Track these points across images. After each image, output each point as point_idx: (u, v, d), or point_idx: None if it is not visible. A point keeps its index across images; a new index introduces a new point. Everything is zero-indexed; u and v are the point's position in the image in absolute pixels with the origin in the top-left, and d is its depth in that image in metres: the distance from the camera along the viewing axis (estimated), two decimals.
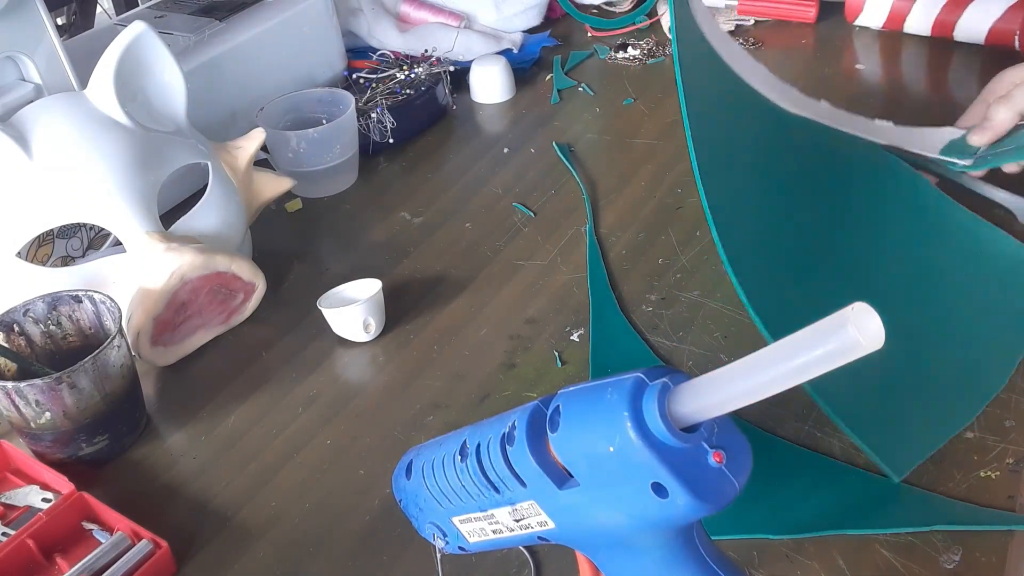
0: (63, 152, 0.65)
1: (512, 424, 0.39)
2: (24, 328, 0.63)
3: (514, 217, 0.82)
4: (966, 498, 0.53)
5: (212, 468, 0.61)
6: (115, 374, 0.60)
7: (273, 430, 0.63)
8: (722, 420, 0.35)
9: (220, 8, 0.94)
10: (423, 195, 0.87)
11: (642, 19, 1.12)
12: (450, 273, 0.76)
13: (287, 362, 0.69)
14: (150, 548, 0.53)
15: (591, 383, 0.36)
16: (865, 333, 0.28)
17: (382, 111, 0.92)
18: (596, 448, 0.35)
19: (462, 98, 1.03)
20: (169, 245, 0.65)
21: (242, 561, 0.54)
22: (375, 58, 1.05)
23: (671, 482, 0.33)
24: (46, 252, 0.76)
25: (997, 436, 0.56)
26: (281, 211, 0.87)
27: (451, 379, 0.66)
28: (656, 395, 0.34)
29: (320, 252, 0.82)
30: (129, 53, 0.69)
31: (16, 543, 0.53)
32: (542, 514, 0.39)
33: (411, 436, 0.62)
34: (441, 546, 0.47)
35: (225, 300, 0.70)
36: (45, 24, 0.74)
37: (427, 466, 0.44)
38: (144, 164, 0.67)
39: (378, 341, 0.70)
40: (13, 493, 0.59)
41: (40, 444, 0.60)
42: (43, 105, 0.68)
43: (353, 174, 0.90)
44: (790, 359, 0.30)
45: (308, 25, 0.98)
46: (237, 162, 0.76)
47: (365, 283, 0.72)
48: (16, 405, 0.58)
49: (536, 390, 0.64)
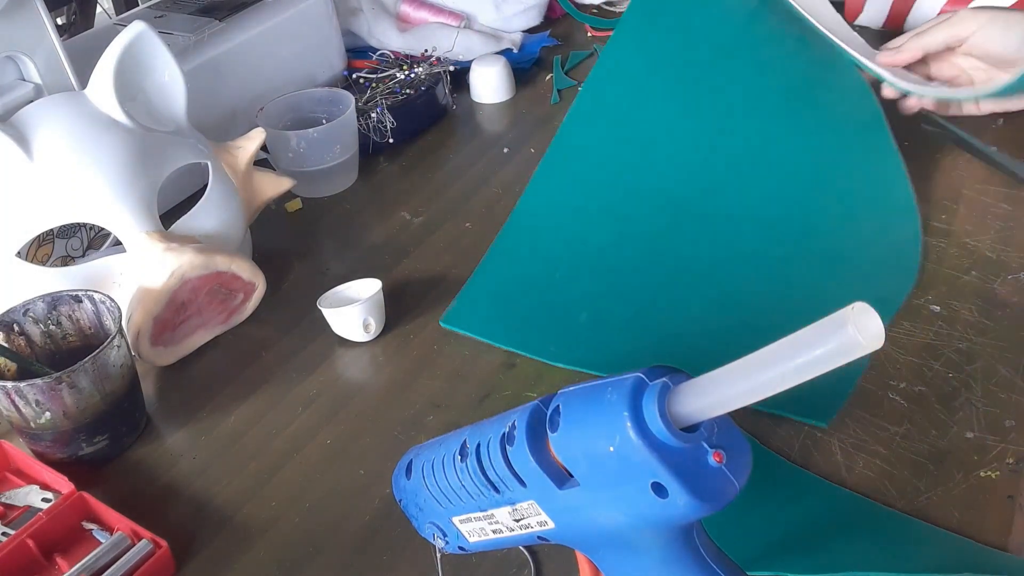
0: (63, 152, 0.65)
1: (512, 424, 0.39)
2: (24, 328, 0.63)
3: None
4: (966, 498, 0.53)
5: (212, 468, 0.61)
6: (115, 374, 0.60)
7: (273, 430, 0.64)
8: (722, 420, 0.35)
9: (220, 8, 0.94)
10: (423, 195, 0.87)
11: None
12: (450, 273, 0.76)
13: (287, 362, 0.69)
14: (150, 548, 0.53)
15: (591, 383, 0.37)
16: (865, 333, 0.28)
17: (382, 111, 0.92)
18: (596, 448, 0.35)
19: (462, 98, 1.03)
20: (169, 245, 0.65)
21: (242, 561, 0.54)
22: (375, 58, 1.05)
23: (671, 482, 0.33)
24: (46, 252, 0.76)
25: (997, 436, 0.56)
26: (281, 211, 0.87)
27: (451, 379, 0.66)
28: (656, 395, 0.34)
29: (320, 252, 0.82)
30: (129, 53, 0.69)
31: (16, 543, 0.53)
32: (542, 514, 0.39)
33: (411, 436, 0.62)
34: (441, 546, 0.47)
35: (225, 300, 0.70)
36: (45, 24, 0.74)
37: (427, 466, 0.44)
38: (144, 164, 0.67)
39: (378, 341, 0.70)
40: (13, 493, 0.59)
41: (40, 444, 0.60)
42: (43, 105, 0.68)
43: (353, 174, 0.90)
44: (790, 359, 0.30)
45: (308, 25, 0.98)
46: (237, 162, 0.75)
47: (365, 283, 0.72)
48: (16, 405, 0.58)
49: (536, 390, 0.64)
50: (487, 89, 1.02)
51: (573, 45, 1.12)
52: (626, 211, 0.74)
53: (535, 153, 0.92)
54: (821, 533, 0.52)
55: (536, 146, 0.93)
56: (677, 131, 0.79)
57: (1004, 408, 0.58)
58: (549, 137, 0.93)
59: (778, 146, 0.77)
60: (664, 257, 0.71)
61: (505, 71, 1.01)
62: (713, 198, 0.75)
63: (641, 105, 0.81)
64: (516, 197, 0.85)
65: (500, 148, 0.93)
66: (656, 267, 0.71)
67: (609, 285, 0.70)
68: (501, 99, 1.02)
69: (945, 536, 0.51)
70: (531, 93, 1.03)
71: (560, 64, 1.07)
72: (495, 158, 0.92)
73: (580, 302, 0.69)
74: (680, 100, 0.81)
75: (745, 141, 0.78)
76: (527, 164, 0.90)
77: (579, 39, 1.13)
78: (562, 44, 1.12)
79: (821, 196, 0.74)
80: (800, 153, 0.77)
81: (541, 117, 0.98)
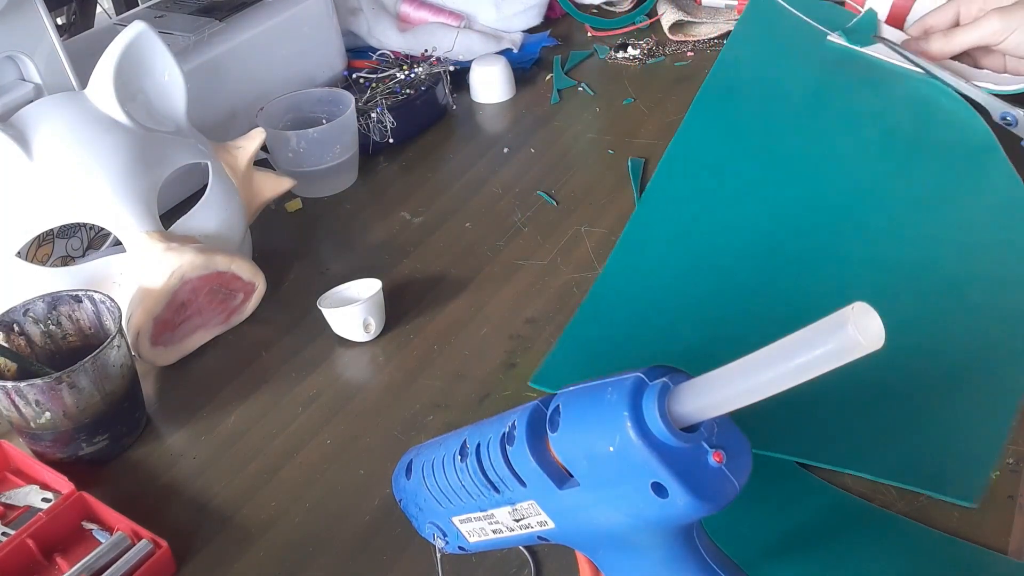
0: (63, 152, 0.65)
1: (512, 424, 0.39)
2: (24, 328, 0.63)
3: (514, 217, 0.82)
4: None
5: (212, 468, 0.61)
6: (115, 374, 0.60)
7: (273, 430, 0.63)
8: (722, 420, 0.35)
9: (220, 8, 0.94)
10: (423, 195, 0.87)
11: (642, 19, 1.12)
12: (450, 273, 0.76)
13: (287, 362, 0.69)
14: (150, 548, 0.53)
15: (591, 383, 0.36)
16: (865, 333, 0.28)
17: (382, 111, 0.92)
18: (596, 448, 0.35)
19: (462, 98, 1.03)
20: (169, 245, 0.65)
21: (242, 561, 0.54)
22: (375, 58, 1.04)
23: (671, 482, 0.33)
24: (46, 252, 0.76)
25: None
26: (281, 211, 0.87)
27: (451, 379, 0.66)
28: (656, 395, 0.34)
29: (320, 252, 0.82)
30: (129, 53, 0.69)
31: (16, 543, 0.53)
32: (542, 514, 0.39)
33: (411, 436, 0.62)
34: (441, 546, 0.47)
35: (225, 300, 0.70)
36: (45, 24, 0.74)
37: (427, 466, 0.44)
38: (144, 164, 0.67)
39: (378, 341, 0.70)
40: (13, 493, 0.59)
41: (40, 444, 0.60)
42: (43, 105, 0.68)
43: (353, 174, 0.90)
44: (790, 359, 0.30)
45: (308, 25, 0.98)
46: (237, 162, 0.76)
47: (365, 283, 0.72)
48: (16, 405, 0.58)
49: (536, 390, 0.64)
50: (487, 89, 1.02)
51: (573, 45, 1.12)
52: (726, 262, 0.71)
53: (535, 153, 0.92)
54: (820, 535, 0.52)
55: (536, 146, 0.93)
56: (773, 181, 0.77)
57: None
58: (549, 137, 0.93)
59: (888, 185, 0.75)
60: (770, 308, 0.66)
61: (505, 71, 1.01)
62: (818, 246, 0.71)
63: (736, 156, 0.81)
64: (516, 197, 0.85)
65: (500, 148, 0.93)
66: (761, 319, 0.65)
67: (711, 336, 0.65)
68: (501, 99, 1.02)
69: (945, 540, 0.51)
70: (531, 93, 1.03)
71: (560, 64, 1.07)
72: (495, 158, 0.92)
73: (681, 356, 0.63)
74: (775, 148, 0.80)
75: (852, 185, 0.75)
76: (527, 164, 0.90)
77: (579, 39, 1.13)
78: (562, 44, 1.12)
79: (941, 230, 0.70)
80: (913, 189, 0.74)
81: (541, 117, 0.98)
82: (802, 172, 0.78)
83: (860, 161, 0.78)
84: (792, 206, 0.74)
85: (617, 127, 0.94)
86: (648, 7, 1.12)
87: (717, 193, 0.78)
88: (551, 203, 0.83)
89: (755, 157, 0.80)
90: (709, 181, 0.79)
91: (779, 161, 0.79)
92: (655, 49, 1.08)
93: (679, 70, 1.04)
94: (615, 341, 0.66)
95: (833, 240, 0.70)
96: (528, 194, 0.85)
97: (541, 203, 0.84)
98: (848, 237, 0.71)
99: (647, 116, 0.95)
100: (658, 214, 0.78)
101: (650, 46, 1.08)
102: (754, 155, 0.80)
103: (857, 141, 0.80)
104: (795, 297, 0.66)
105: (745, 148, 0.81)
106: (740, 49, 0.93)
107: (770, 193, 0.76)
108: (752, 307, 0.66)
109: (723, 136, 0.84)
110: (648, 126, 0.93)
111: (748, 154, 0.81)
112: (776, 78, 0.88)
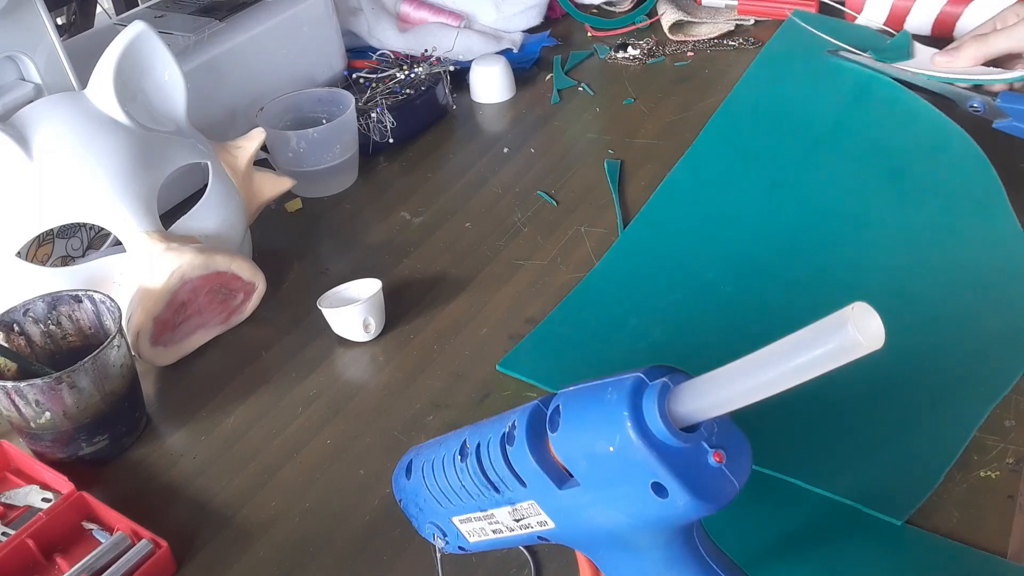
0: (63, 152, 0.65)
1: (512, 424, 0.39)
2: (24, 328, 0.63)
3: (514, 217, 0.82)
4: (966, 498, 0.53)
5: (212, 468, 0.61)
6: (115, 374, 0.60)
7: (273, 430, 0.63)
8: (722, 420, 0.35)
9: (220, 8, 0.94)
10: (423, 195, 0.87)
11: (642, 19, 1.12)
12: (450, 273, 0.76)
13: (287, 362, 0.69)
14: (150, 548, 0.53)
15: (591, 383, 0.36)
16: (865, 333, 0.28)
17: (382, 111, 0.92)
18: (596, 448, 0.35)
19: (462, 98, 1.03)
20: (169, 245, 0.65)
21: (242, 561, 0.54)
22: (375, 58, 1.05)
23: (671, 482, 0.33)
24: (46, 252, 0.76)
25: (997, 436, 0.56)
26: (281, 211, 0.87)
27: (451, 379, 0.66)
28: (656, 395, 0.34)
29: (320, 252, 0.82)
30: (129, 53, 0.69)
31: (16, 543, 0.53)
32: (542, 514, 0.39)
33: (411, 436, 0.62)
34: (441, 546, 0.47)
35: (225, 300, 0.70)
36: (45, 24, 0.74)
37: (427, 466, 0.44)
38: (144, 164, 0.67)
39: (378, 341, 0.70)
40: (13, 493, 0.59)
41: (40, 444, 0.60)
42: (43, 105, 0.68)
43: (353, 174, 0.90)
44: (790, 359, 0.30)
45: (308, 25, 0.98)
46: (237, 162, 0.76)
47: (365, 283, 0.72)
48: (16, 405, 0.58)
49: (536, 390, 0.64)
50: (487, 89, 1.02)
51: (573, 45, 1.12)
52: (710, 276, 0.71)
53: (535, 153, 0.92)
54: (820, 535, 0.52)
55: (536, 146, 0.93)
56: (771, 205, 0.78)
57: (1004, 408, 0.58)
58: (549, 137, 0.93)
59: (879, 220, 0.75)
60: (744, 321, 0.67)
61: (505, 71, 1.01)
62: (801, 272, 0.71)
63: (741, 176, 0.81)
64: (516, 197, 0.85)
65: (500, 148, 0.93)
66: (734, 330, 0.66)
67: (680, 342, 0.66)
68: (501, 99, 1.02)
69: (944, 544, 0.51)
70: (531, 93, 1.03)
71: (560, 64, 1.07)
72: (495, 158, 0.92)
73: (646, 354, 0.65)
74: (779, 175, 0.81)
75: (846, 216, 0.76)
76: (527, 164, 0.90)
77: (579, 39, 1.13)
78: (562, 44, 1.12)
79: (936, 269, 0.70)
80: (908, 226, 0.74)
81: (541, 117, 0.98)
82: (800, 199, 0.78)
83: (860, 195, 0.78)
84: (785, 231, 0.75)
85: (617, 127, 0.94)
86: (648, 7, 1.12)
87: (714, 210, 0.78)
88: (551, 203, 0.83)
89: (758, 180, 0.80)
90: (710, 197, 0.80)
91: (781, 186, 0.79)
92: (655, 49, 1.08)
93: (679, 70, 1.04)
94: (585, 338, 0.68)
95: (816, 267, 0.71)
96: (528, 194, 0.85)
97: (541, 203, 0.84)
98: (831, 263, 0.71)
99: (647, 116, 0.95)
100: (655, 222, 0.78)
101: (650, 46, 1.08)
102: (758, 178, 0.81)
103: (862, 175, 0.80)
104: (770, 314, 0.67)
105: (751, 170, 0.82)
106: (765, 70, 0.92)
107: (765, 217, 0.77)
108: (727, 318, 0.68)
109: (732, 155, 0.84)
110: (648, 126, 0.93)
111: (752, 176, 0.81)
112: (794, 103, 0.88)
